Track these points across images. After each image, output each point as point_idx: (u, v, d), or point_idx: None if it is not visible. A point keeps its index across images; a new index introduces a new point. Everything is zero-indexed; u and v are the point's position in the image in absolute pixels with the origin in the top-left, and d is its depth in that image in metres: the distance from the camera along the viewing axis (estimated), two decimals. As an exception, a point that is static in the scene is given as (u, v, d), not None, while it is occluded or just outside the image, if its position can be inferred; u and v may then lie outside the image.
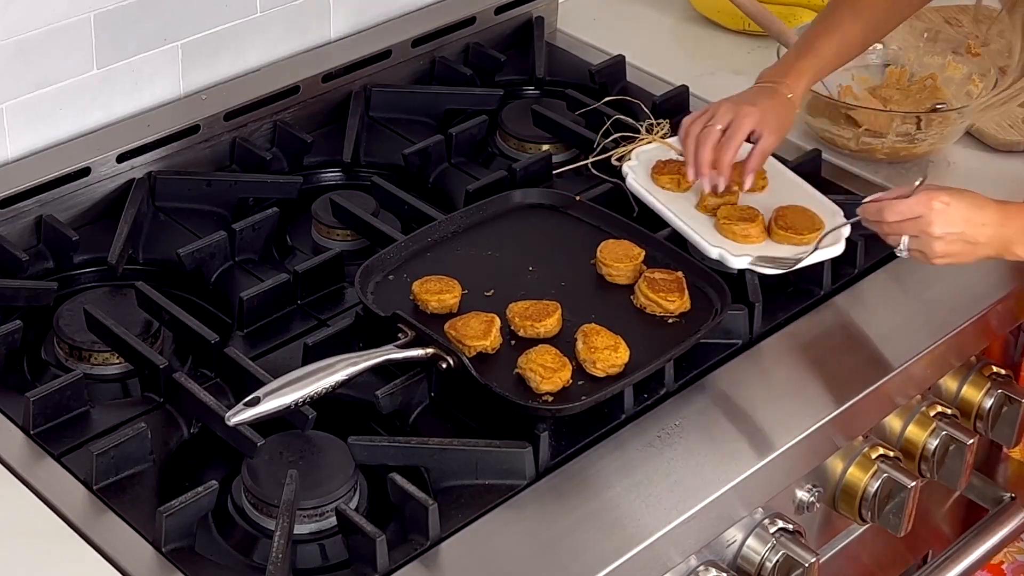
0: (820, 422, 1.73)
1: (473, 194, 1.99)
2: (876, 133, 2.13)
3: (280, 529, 1.51)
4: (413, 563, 1.53)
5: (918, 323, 1.89)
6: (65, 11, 1.94)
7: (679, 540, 1.62)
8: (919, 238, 1.69)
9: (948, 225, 1.67)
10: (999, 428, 1.99)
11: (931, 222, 1.67)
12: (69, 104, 1.99)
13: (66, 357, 1.78)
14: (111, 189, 2.00)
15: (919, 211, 1.67)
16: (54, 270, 1.91)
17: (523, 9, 2.39)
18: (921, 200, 1.67)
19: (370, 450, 1.62)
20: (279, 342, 1.81)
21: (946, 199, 1.67)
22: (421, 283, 1.78)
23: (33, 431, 1.65)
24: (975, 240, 1.68)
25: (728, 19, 2.45)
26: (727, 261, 1.84)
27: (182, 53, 2.08)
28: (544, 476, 1.64)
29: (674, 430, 1.70)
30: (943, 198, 1.67)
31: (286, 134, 2.12)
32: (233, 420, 1.58)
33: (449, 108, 2.22)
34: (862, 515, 1.85)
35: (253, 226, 1.93)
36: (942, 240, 1.67)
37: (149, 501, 1.58)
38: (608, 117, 2.12)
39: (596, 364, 1.68)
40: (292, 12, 2.18)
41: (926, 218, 1.67)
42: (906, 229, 1.69)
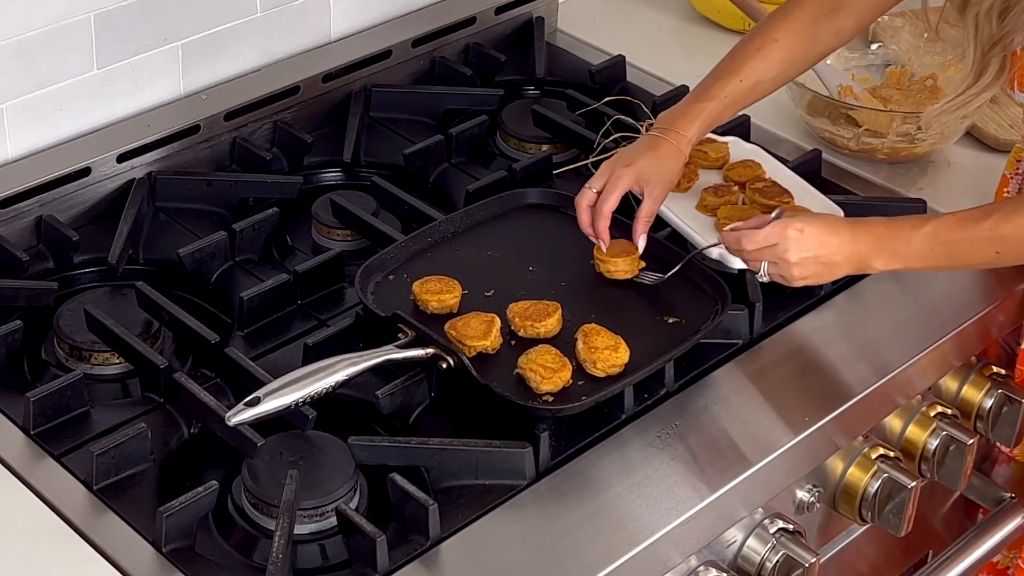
0: (820, 422, 1.74)
1: (473, 194, 1.99)
2: (876, 133, 2.13)
3: (280, 529, 1.51)
4: (413, 563, 1.53)
5: (918, 323, 1.89)
6: (65, 11, 1.94)
7: (679, 540, 1.62)
8: (777, 264, 1.73)
9: (803, 250, 1.71)
10: (999, 428, 1.99)
11: (787, 249, 1.71)
12: (69, 104, 1.99)
13: (66, 357, 1.78)
14: (111, 189, 2.00)
15: (774, 239, 1.72)
16: (54, 270, 1.91)
17: (523, 9, 2.39)
18: (776, 229, 1.72)
19: (370, 450, 1.62)
20: (279, 342, 1.81)
21: (799, 226, 1.71)
22: (421, 283, 1.78)
23: (33, 431, 1.65)
24: (830, 261, 1.72)
25: (728, 19, 2.45)
26: (727, 261, 1.84)
27: (182, 53, 2.08)
28: (544, 476, 1.64)
29: (674, 430, 1.70)
30: (796, 225, 1.71)
31: (286, 134, 2.12)
32: (233, 420, 1.58)
33: (449, 108, 2.22)
34: (862, 515, 1.85)
35: (253, 226, 1.93)
36: (798, 265, 1.72)
37: (149, 501, 1.58)
38: (608, 117, 2.12)
39: (596, 364, 1.68)
40: (292, 12, 2.18)
41: (782, 245, 1.71)
42: (764, 256, 1.74)
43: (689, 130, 1.85)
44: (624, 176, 1.81)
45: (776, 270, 1.74)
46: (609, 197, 1.80)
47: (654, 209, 1.83)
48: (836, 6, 1.88)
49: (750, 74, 1.87)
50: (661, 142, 1.84)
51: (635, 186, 1.81)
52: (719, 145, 2.03)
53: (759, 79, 1.88)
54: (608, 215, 1.80)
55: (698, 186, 1.97)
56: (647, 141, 1.85)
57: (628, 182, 1.81)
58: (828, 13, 1.88)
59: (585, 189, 1.83)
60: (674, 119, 1.86)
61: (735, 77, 1.87)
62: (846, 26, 1.90)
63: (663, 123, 1.86)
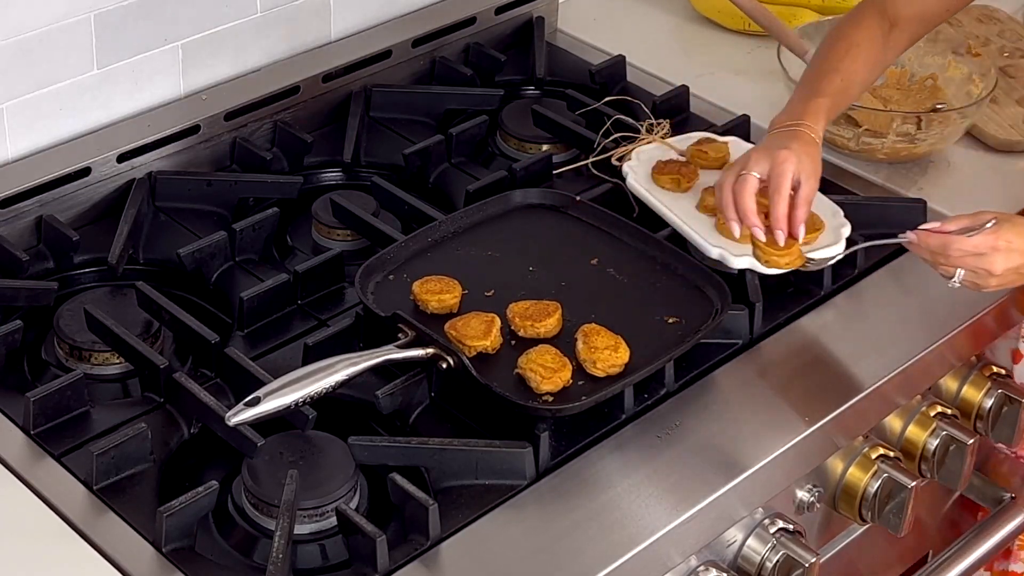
0: (820, 422, 1.74)
1: (473, 194, 1.99)
2: (876, 133, 2.13)
3: (280, 529, 1.51)
4: (413, 563, 1.53)
5: (918, 323, 1.89)
6: (65, 11, 1.94)
7: (679, 540, 1.62)
8: (976, 273, 1.70)
9: (1009, 262, 1.68)
10: (999, 428, 1.99)
11: (994, 262, 1.68)
12: (69, 104, 1.99)
13: (66, 357, 1.78)
14: (111, 189, 2.00)
15: (983, 250, 1.69)
16: (54, 270, 1.91)
17: (523, 9, 2.39)
18: (988, 241, 1.68)
19: (370, 450, 1.62)
20: (279, 342, 1.81)
21: (1011, 237, 1.68)
22: (421, 283, 1.78)
23: (33, 431, 1.65)
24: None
25: (728, 19, 2.45)
26: (727, 261, 1.84)
27: (182, 53, 2.08)
28: (544, 476, 1.64)
29: (674, 430, 1.70)
30: (1008, 236, 1.68)
31: (286, 134, 2.12)
32: (233, 420, 1.58)
33: (449, 108, 2.22)
34: (862, 515, 1.85)
35: (253, 226, 1.93)
36: (1000, 276, 1.70)
37: (149, 501, 1.58)
38: (608, 117, 2.12)
39: (596, 364, 1.68)
40: (292, 12, 2.18)
41: (989, 257, 1.68)
42: (967, 264, 1.70)
43: (817, 123, 1.83)
44: (790, 160, 1.75)
45: (973, 278, 1.71)
46: (784, 180, 1.74)
47: (813, 195, 1.78)
48: (893, 22, 1.91)
49: (846, 74, 1.88)
50: (802, 134, 1.80)
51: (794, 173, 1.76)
52: (719, 145, 2.03)
53: (852, 79, 1.89)
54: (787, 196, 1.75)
55: (698, 186, 1.97)
56: (787, 134, 1.80)
57: (793, 166, 1.75)
58: (888, 29, 1.91)
59: (745, 175, 1.76)
60: (799, 116, 1.83)
61: (836, 75, 1.87)
62: (901, 41, 1.94)
63: (789, 119, 1.83)
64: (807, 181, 1.77)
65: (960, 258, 1.70)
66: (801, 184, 1.77)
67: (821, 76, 1.89)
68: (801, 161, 1.77)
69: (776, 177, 1.76)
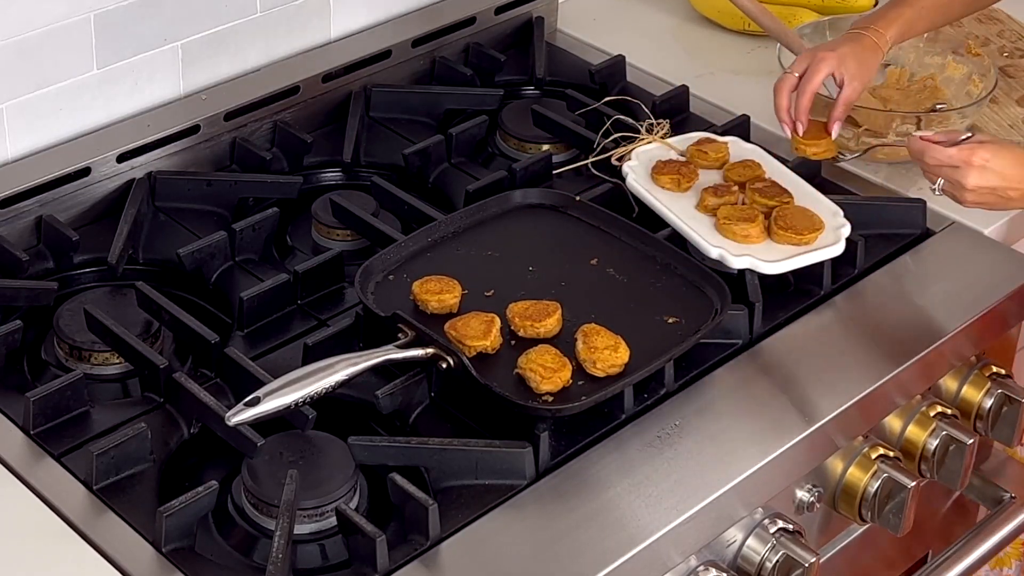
0: (820, 422, 1.73)
1: (473, 194, 1.99)
2: (876, 133, 2.12)
3: (280, 529, 1.51)
4: (413, 563, 1.53)
5: (918, 323, 1.89)
6: (65, 11, 1.94)
7: (679, 540, 1.62)
8: (952, 184, 1.77)
9: (982, 180, 1.75)
10: (999, 428, 1.99)
11: (966, 175, 1.75)
12: (69, 104, 1.99)
13: (66, 357, 1.78)
14: (111, 189, 2.00)
15: (956, 163, 1.76)
16: (54, 270, 1.91)
17: (523, 9, 2.39)
18: (963, 153, 1.76)
19: (370, 450, 1.62)
20: (279, 342, 1.81)
21: (986, 156, 1.75)
22: (421, 283, 1.78)
23: (33, 431, 1.65)
24: (1006, 196, 1.77)
25: (728, 19, 2.45)
26: (727, 261, 1.84)
27: (182, 53, 2.08)
28: (544, 476, 1.64)
29: (674, 430, 1.70)
30: (983, 155, 1.75)
31: (286, 134, 2.12)
32: (233, 420, 1.58)
33: (449, 108, 2.22)
34: (862, 515, 1.85)
35: (253, 226, 1.93)
36: (974, 192, 1.76)
37: (149, 501, 1.58)
38: (608, 117, 2.12)
39: (596, 364, 1.68)
40: (292, 12, 2.18)
41: (963, 171, 1.75)
42: (943, 175, 1.78)
43: (888, 30, 1.90)
44: (828, 59, 1.85)
45: (950, 189, 1.78)
46: (813, 78, 1.86)
47: (854, 97, 1.88)
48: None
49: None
50: (862, 37, 1.89)
51: (837, 71, 1.86)
52: (719, 145, 2.03)
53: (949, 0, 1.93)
54: (811, 95, 1.86)
55: (698, 186, 1.97)
56: (847, 35, 1.90)
57: (831, 66, 1.85)
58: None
59: (786, 74, 1.88)
60: (873, 20, 1.91)
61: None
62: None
63: (863, 23, 1.91)
64: (850, 83, 1.87)
65: (935, 167, 1.78)
66: (844, 84, 1.87)
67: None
68: (844, 63, 1.86)
69: (807, 77, 1.87)
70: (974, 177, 1.74)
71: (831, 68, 1.86)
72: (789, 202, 1.92)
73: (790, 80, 1.89)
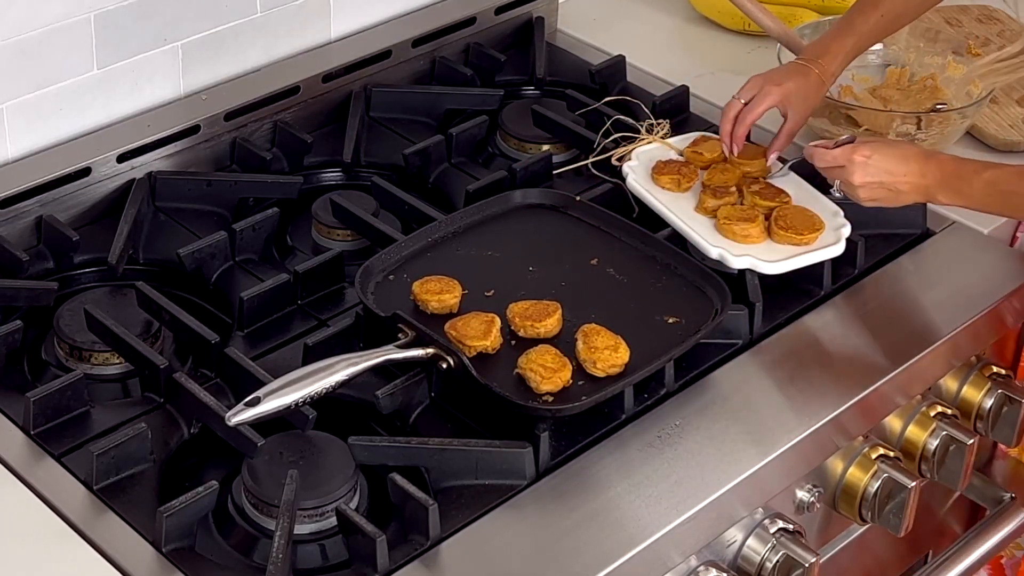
0: (820, 422, 1.73)
1: (473, 194, 1.99)
2: (876, 133, 2.12)
3: (280, 529, 1.51)
4: (413, 563, 1.53)
5: (918, 323, 1.89)
6: (65, 11, 1.94)
7: (679, 540, 1.62)
8: (844, 183, 1.86)
9: (867, 176, 1.83)
10: (999, 428, 1.99)
11: (852, 172, 1.83)
12: (69, 104, 1.99)
13: (66, 357, 1.78)
14: (111, 189, 2.00)
15: (841, 162, 1.84)
16: (54, 270, 1.91)
17: (523, 9, 2.39)
18: (846, 152, 1.84)
19: (370, 450, 1.62)
20: (279, 342, 1.81)
21: (867, 152, 1.83)
22: (421, 283, 1.78)
23: (33, 431, 1.65)
24: (896, 189, 1.83)
25: (728, 19, 2.45)
26: (727, 261, 1.84)
27: (182, 53, 2.08)
28: (544, 476, 1.64)
29: (674, 430, 1.70)
30: (865, 152, 1.83)
31: (286, 134, 2.12)
32: (233, 420, 1.58)
33: (449, 108, 2.22)
34: (862, 515, 1.85)
35: (253, 226, 1.93)
36: (864, 188, 1.83)
37: (149, 501, 1.58)
38: (608, 117, 2.12)
39: (596, 364, 1.68)
40: (292, 12, 2.18)
41: (847, 169, 1.84)
42: (832, 175, 1.88)
43: (833, 65, 1.97)
44: (773, 93, 1.93)
45: (845, 188, 1.87)
46: (756, 108, 1.94)
47: (795, 130, 1.96)
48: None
49: (890, 8, 1.98)
50: (808, 70, 1.96)
51: (781, 105, 1.93)
52: (714, 144, 2.03)
53: (898, 13, 1.99)
54: (750, 124, 1.95)
55: (698, 186, 1.97)
56: (795, 67, 1.97)
57: (775, 99, 1.93)
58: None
59: (734, 99, 1.96)
60: (819, 53, 1.97)
61: (876, 11, 1.98)
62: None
63: (809, 54, 1.98)
64: (792, 116, 1.95)
65: (826, 169, 1.87)
66: (788, 117, 1.95)
67: (861, 12, 2.00)
68: (788, 98, 1.94)
69: (751, 107, 1.95)
70: (859, 174, 1.82)
71: (775, 102, 1.95)
72: (787, 202, 1.92)
73: (735, 106, 1.96)
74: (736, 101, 1.97)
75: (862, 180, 1.83)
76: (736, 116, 1.96)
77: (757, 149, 2.00)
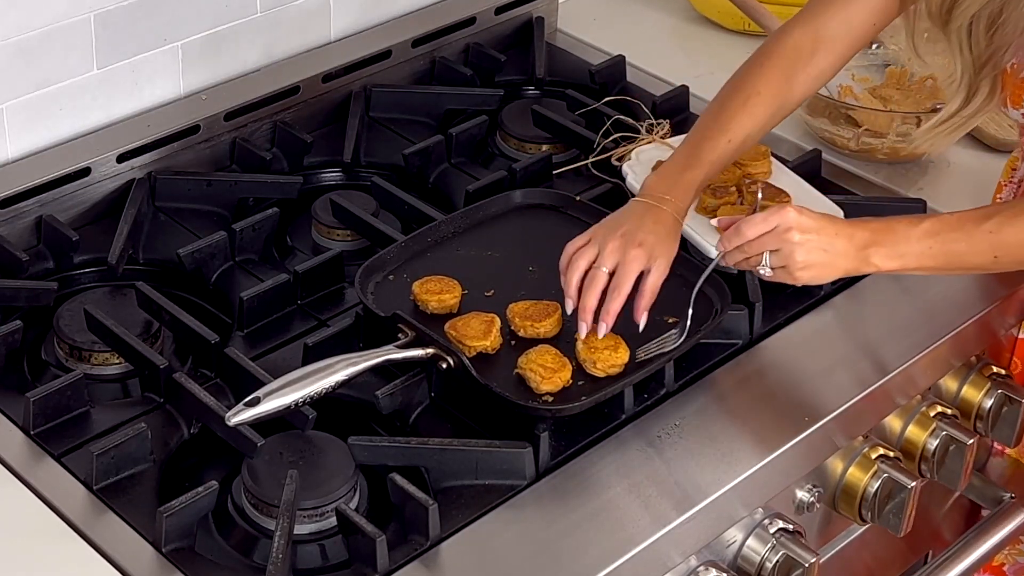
0: (820, 422, 1.73)
1: (473, 194, 1.99)
2: (876, 133, 2.13)
3: (280, 529, 1.51)
4: (413, 563, 1.53)
5: (918, 323, 1.89)
6: (65, 11, 1.94)
7: (679, 540, 1.62)
8: (780, 251, 1.68)
9: (805, 231, 1.66)
10: (999, 428, 1.99)
11: (788, 228, 1.66)
12: (69, 104, 1.99)
13: (66, 357, 1.78)
14: (111, 189, 2.00)
15: (775, 221, 1.67)
16: (54, 270, 1.91)
17: (523, 9, 2.39)
18: (775, 210, 1.68)
19: (370, 450, 1.62)
20: (279, 342, 1.81)
21: (799, 208, 1.67)
22: (421, 283, 1.78)
23: (33, 431, 1.65)
24: (834, 251, 1.68)
25: (728, 19, 2.45)
26: (727, 261, 1.84)
27: (182, 53, 2.08)
28: (544, 476, 1.64)
29: (674, 430, 1.70)
30: (795, 208, 1.67)
31: (286, 134, 2.12)
32: (233, 420, 1.58)
33: (449, 108, 2.22)
34: (862, 515, 1.85)
35: (253, 226, 1.93)
36: (801, 246, 1.67)
37: (149, 501, 1.58)
38: (608, 117, 2.12)
39: (596, 364, 1.68)
40: (292, 12, 2.18)
41: (783, 225, 1.67)
42: (767, 243, 1.68)
43: (685, 201, 1.79)
44: (638, 259, 1.72)
45: (779, 259, 1.69)
46: (625, 281, 1.71)
47: (659, 283, 1.74)
48: (813, 49, 1.84)
49: (738, 131, 1.83)
50: (664, 215, 1.76)
51: (647, 265, 1.73)
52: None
53: (747, 134, 1.84)
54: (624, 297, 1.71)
55: (698, 186, 1.97)
56: (650, 212, 1.76)
57: (641, 264, 1.72)
58: (807, 57, 1.85)
59: (597, 271, 1.72)
60: (669, 188, 1.79)
61: (724, 136, 1.82)
62: (825, 67, 1.87)
63: (658, 190, 1.78)
64: (656, 270, 1.73)
65: (759, 238, 1.68)
66: (650, 272, 1.73)
67: (708, 138, 1.83)
68: (653, 252, 1.73)
69: (620, 276, 1.72)
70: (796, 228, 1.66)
71: (643, 265, 1.71)
72: (787, 201, 1.92)
73: (602, 279, 1.71)
74: (599, 272, 1.72)
75: (802, 236, 1.67)
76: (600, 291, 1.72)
77: (758, 149, 1.99)
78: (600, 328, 1.70)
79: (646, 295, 1.72)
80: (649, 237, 1.74)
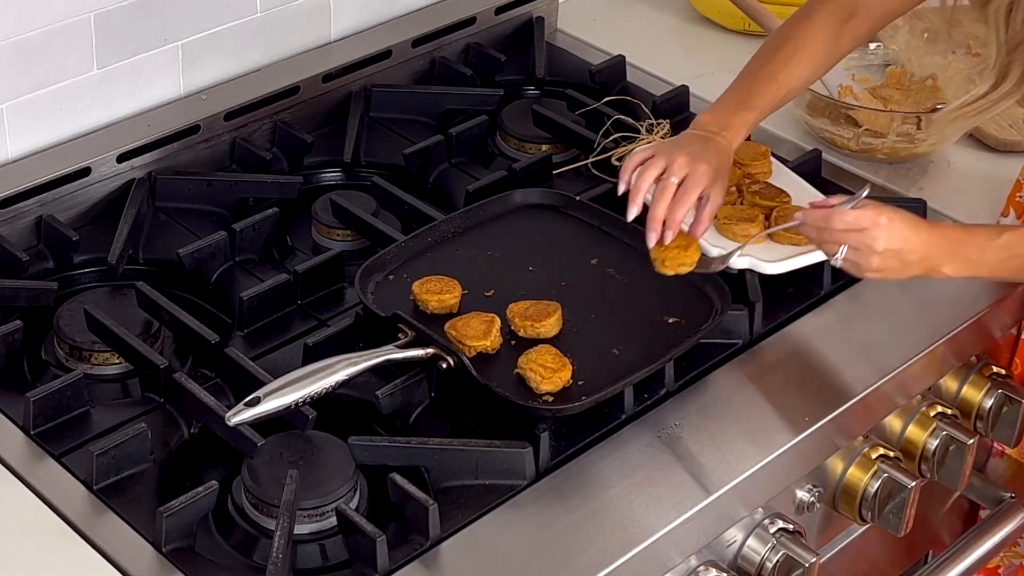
0: (820, 422, 1.74)
1: (473, 194, 1.99)
2: (876, 133, 2.13)
3: (280, 529, 1.51)
4: (413, 563, 1.53)
5: (918, 323, 1.89)
6: (65, 11, 1.94)
7: (679, 540, 1.62)
8: (859, 250, 1.69)
9: (891, 242, 1.67)
10: (999, 428, 1.99)
11: (876, 237, 1.67)
12: (69, 104, 1.99)
13: (66, 357, 1.78)
14: (111, 189, 2.00)
15: (865, 224, 1.67)
16: (54, 270, 1.91)
17: (523, 9, 2.39)
18: (868, 214, 1.67)
19: (370, 450, 1.62)
20: (279, 342, 1.81)
21: (891, 215, 1.68)
22: (421, 283, 1.78)
23: (33, 431, 1.65)
24: (908, 260, 1.69)
25: (728, 19, 2.45)
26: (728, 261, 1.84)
27: (182, 53, 2.08)
28: (544, 476, 1.64)
29: (674, 430, 1.70)
30: (888, 214, 1.68)
31: (286, 134, 2.12)
32: (233, 420, 1.58)
33: (449, 108, 2.22)
34: (862, 515, 1.85)
35: (253, 226, 1.93)
36: (882, 256, 1.68)
37: (149, 501, 1.58)
38: (608, 117, 2.12)
39: (665, 262, 1.73)
40: (292, 12, 2.18)
41: (871, 232, 1.67)
42: (849, 240, 1.69)
43: (737, 139, 1.84)
44: (707, 175, 1.76)
45: (855, 256, 1.69)
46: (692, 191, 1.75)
47: (716, 211, 1.79)
48: (852, 11, 1.89)
49: (786, 80, 1.87)
50: (721, 146, 1.81)
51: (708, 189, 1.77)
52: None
53: (793, 85, 1.89)
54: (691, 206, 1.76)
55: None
56: (709, 142, 1.81)
57: (708, 180, 1.76)
58: (846, 18, 1.89)
59: (667, 180, 1.76)
60: (723, 125, 1.83)
61: (773, 84, 1.87)
62: (861, 31, 1.92)
63: (713, 126, 1.83)
64: (715, 197, 1.77)
65: (843, 232, 1.68)
66: (710, 199, 1.77)
67: (758, 85, 1.87)
68: (715, 177, 1.77)
69: (688, 187, 1.76)
70: (883, 238, 1.67)
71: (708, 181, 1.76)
72: (787, 202, 1.92)
73: (671, 187, 1.75)
74: (669, 181, 1.76)
75: (885, 246, 1.67)
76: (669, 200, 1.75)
77: (757, 149, 1.99)
78: (666, 235, 1.75)
79: (704, 221, 1.77)
80: (713, 160, 1.78)
